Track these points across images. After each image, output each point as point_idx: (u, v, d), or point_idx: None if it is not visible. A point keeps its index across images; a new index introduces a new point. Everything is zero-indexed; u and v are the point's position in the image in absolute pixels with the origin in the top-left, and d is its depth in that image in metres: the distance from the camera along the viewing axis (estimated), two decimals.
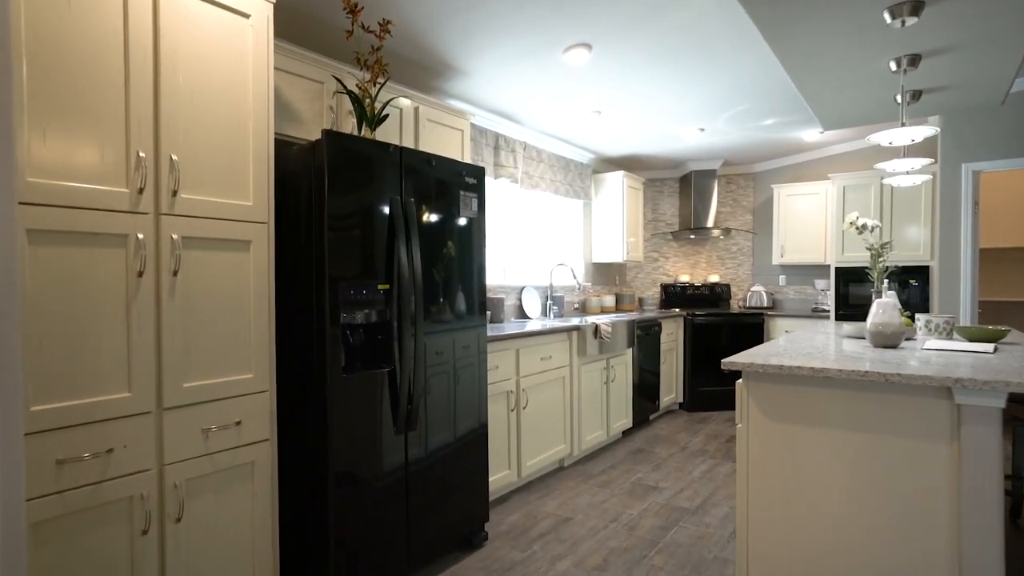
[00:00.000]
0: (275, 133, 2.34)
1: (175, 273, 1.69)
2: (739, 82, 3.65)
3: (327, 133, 2.00)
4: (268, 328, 1.95)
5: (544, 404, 3.50)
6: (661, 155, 5.54)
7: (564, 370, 3.68)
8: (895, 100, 3.39)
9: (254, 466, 1.90)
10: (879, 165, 3.14)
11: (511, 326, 3.65)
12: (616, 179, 5.28)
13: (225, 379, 1.82)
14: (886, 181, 3.29)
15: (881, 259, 2.79)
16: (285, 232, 2.13)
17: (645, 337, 4.76)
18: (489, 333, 3.04)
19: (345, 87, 2.34)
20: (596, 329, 3.85)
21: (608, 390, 4.16)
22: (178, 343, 1.69)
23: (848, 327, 2.84)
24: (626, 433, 4.59)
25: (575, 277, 4.32)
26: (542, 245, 4.84)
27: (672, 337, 5.35)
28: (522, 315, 4.39)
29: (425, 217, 2.38)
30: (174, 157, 1.68)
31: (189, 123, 1.73)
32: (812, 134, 5.09)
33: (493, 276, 4.26)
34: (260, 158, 1.94)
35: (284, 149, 2.15)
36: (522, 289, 4.41)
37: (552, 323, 3.93)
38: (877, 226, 2.90)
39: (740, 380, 2.15)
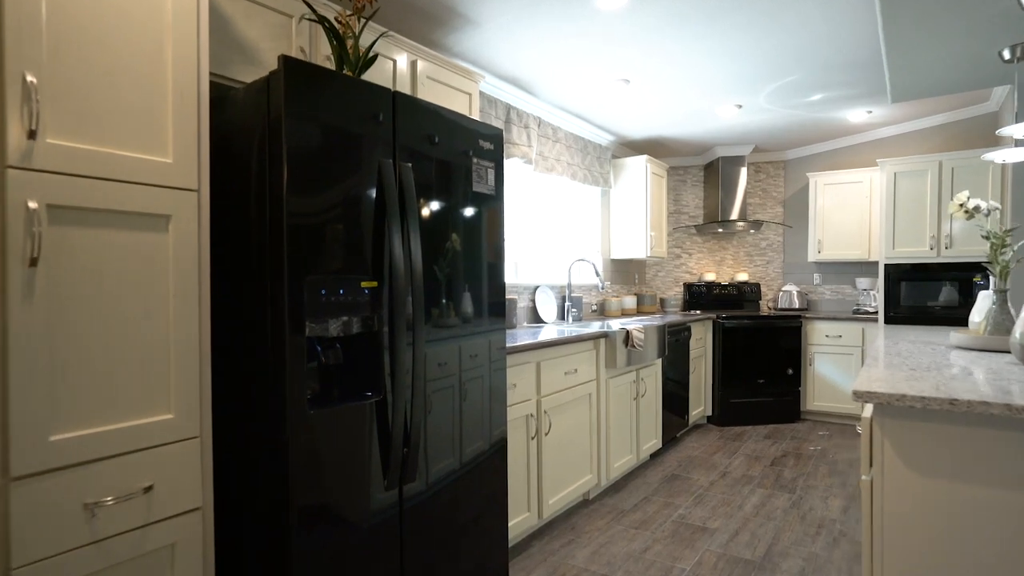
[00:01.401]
0: (227, 79, 1.72)
1: (32, 262, 1.06)
2: (795, 44, 3.05)
3: (287, 61, 1.38)
4: (198, 346, 1.33)
5: (568, 428, 2.89)
6: (687, 138, 4.94)
7: (590, 385, 3.07)
8: (1000, 57, 2.80)
9: (174, 551, 1.28)
10: (1004, 131, 2.51)
11: (526, 333, 3.04)
12: (639, 164, 4.67)
13: (127, 424, 1.20)
14: (988, 157, 2.69)
15: (1005, 249, 2.19)
16: (227, 206, 1.51)
17: (675, 344, 4.16)
18: (518, 342, 2.44)
19: (318, 14, 1.72)
20: (627, 336, 3.25)
21: (638, 407, 3.56)
22: (39, 372, 1.07)
23: (958, 336, 2.24)
24: (655, 455, 3.98)
25: (598, 275, 3.72)
26: (558, 238, 4.23)
27: (701, 343, 4.76)
28: (536, 319, 3.79)
29: (427, 189, 1.77)
30: (30, 79, 1.06)
31: (62, 30, 1.11)
32: (858, 114, 4.50)
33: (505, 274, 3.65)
34: (185, 98, 1.32)
35: (229, 95, 1.53)
36: (535, 289, 3.80)
37: (573, 329, 3.32)
38: (995, 208, 2.31)
39: (867, 413, 1.55)
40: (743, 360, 4.81)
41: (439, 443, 1.81)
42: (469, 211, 1.94)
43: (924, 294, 4.44)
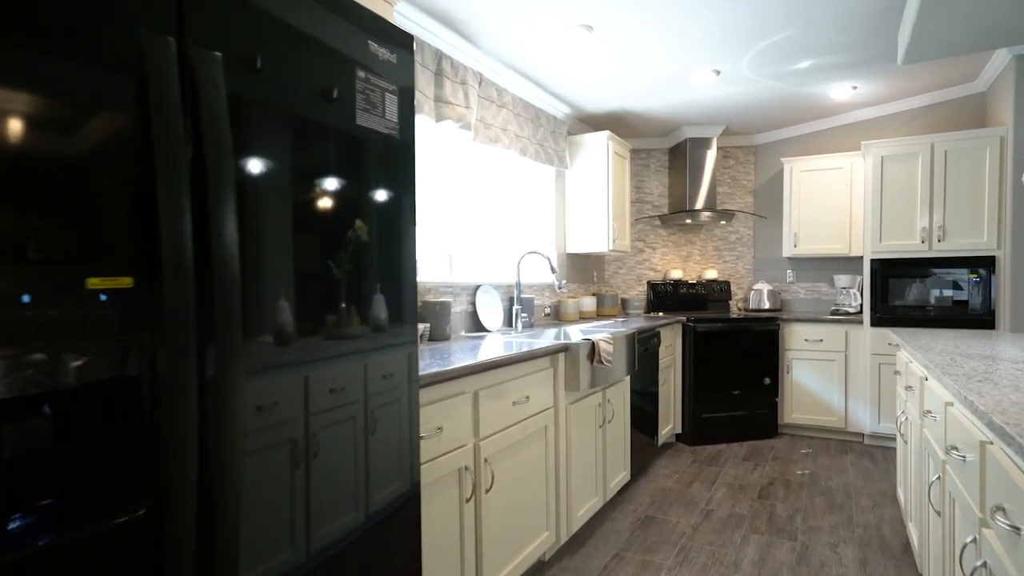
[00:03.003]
0: None
1: None
2: None
3: None
4: None
5: (518, 476, 2.16)
6: (654, 114, 4.30)
7: (546, 416, 2.34)
8: None
9: None
10: None
11: (463, 348, 2.28)
12: (599, 142, 3.99)
13: None
14: None
15: None
16: None
17: (644, 354, 3.50)
18: (426, 366, 1.68)
19: None
20: (593, 350, 2.54)
21: (605, 435, 2.86)
22: None
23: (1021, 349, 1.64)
24: (624, 488, 3.31)
25: (554, 271, 3.00)
26: (504, 228, 3.49)
27: (671, 351, 4.13)
28: (477, 327, 3.03)
29: (254, 109, 0.98)
30: None
31: None
32: (843, 90, 3.98)
33: (431, 270, 2.88)
34: None
35: None
36: (476, 289, 3.05)
37: (524, 340, 2.59)
38: None
39: (979, 435, 0.89)
40: (716, 369, 4.21)
41: (275, 555, 1.03)
42: (348, 156, 1.17)
43: (914, 293, 3.96)
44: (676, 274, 4.87)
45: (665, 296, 4.80)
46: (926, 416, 1.87)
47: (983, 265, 3.77)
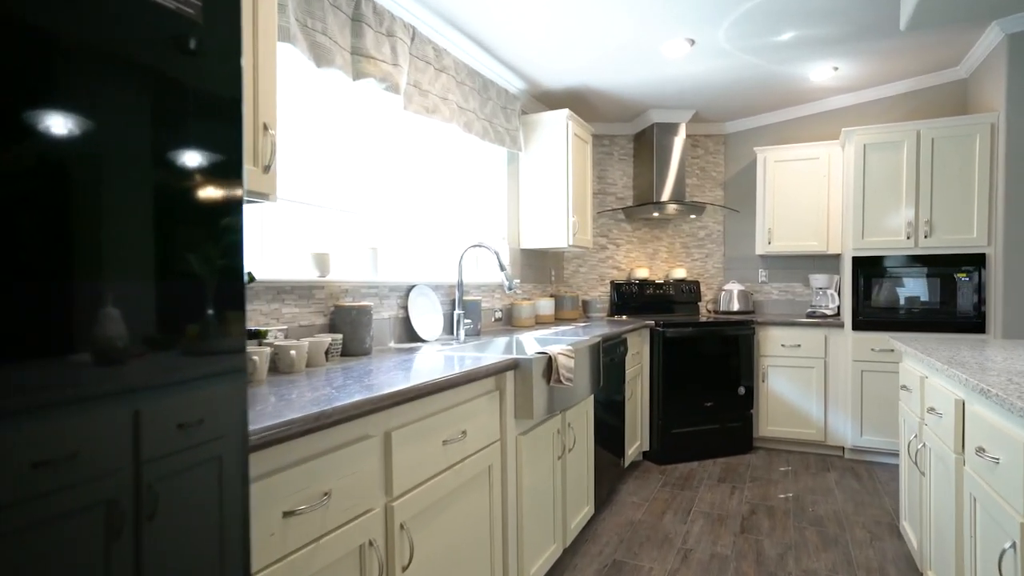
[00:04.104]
0: None
1: None
2: None
3: None
4: None
5: (451, 538, 1.63)
6: (619, 92, 3.84)
7: (490, 453, 1.83)
8: None
9: None
10: None
11: (382, 367, 1.74)
12: (557, 121, 3.50)
13: None
14: None
15: None
16: None
17: (610, 365, 3.03)
18: (311, 401, 1.14)
19: None
20: (551, 366, 2.03)
21: (564, 468, 2.37)
22: None
23: None
24: (588, 524, 2.81)
25: (503, 269, 2.48)
26: (447, 217, 2.96)
27: (638, 359, 3.68)
28: (410, 336, 2.49)
29: None
30: None
31: None
32: (823, 71, 3.62)
33: (349, 266, 2.32)
34: None
35: None
36: (410, 291, 2.51)
37: (466, 354, 2.06)
38: None
39: None
40: (687, 379, 3.78)
41: None
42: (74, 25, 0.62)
43: (899, 293, 3.63)
44: (642, 273, 4.44)
45: (630, 297, 4.36)
46: (980, 455, 1.44)
47: (972, 263, 3.46)
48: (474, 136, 2.94)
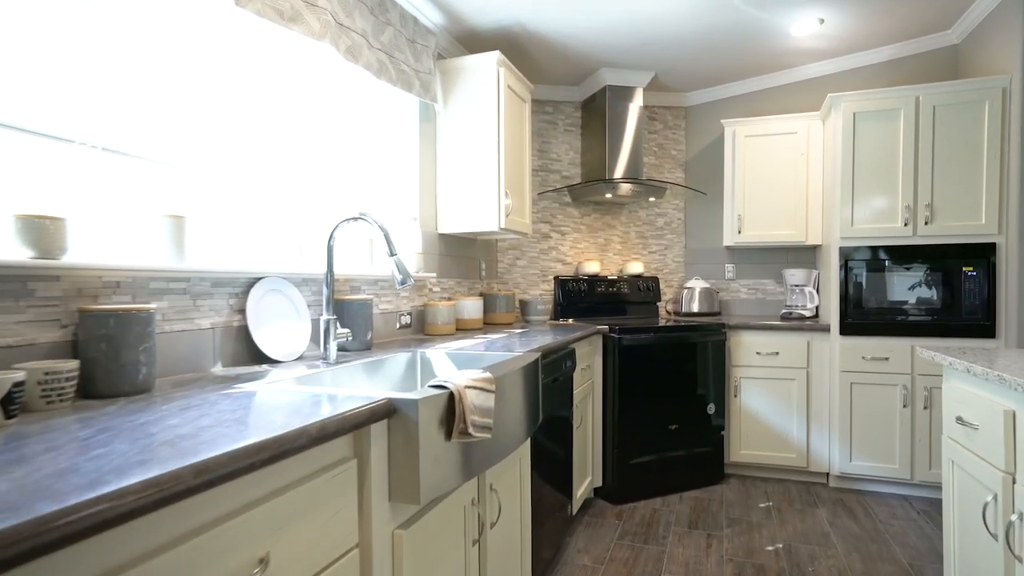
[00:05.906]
0: None
1: None
2: None
3: None
4: None
5: None
6: (564, 39, 3.09)
7: (341, 571, 1.00)
8: None
9: None
10: None
11: (127, 428, 0.88)
12: (486, 67, 2.70)
13: None
14: None
15: None
16: None
17: (553, 386, 2.26)
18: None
19: None
20: (452, 407, 1.23)
21: (483, 554, 1.56)
22: None
23: None
24: None
25: (392, 255, 1.66)
26: (321, 183, 2.10)
27: (588, 374, 2.93)
28: (253, 356, 1.64)
29: None
30: None
31: None
32: (807, 24, 3.00)
33: (127, 245, 1.43)
34: None
35: None
36: (252, 285, 1.65)
37: (321, 389, 1.22)
38: None
39: None
40: (648, 396, 3.07)
41: None
42: None
43: (895, 290, 3.04)
44: (592, 267, 3.71)
45: (578, 297, 3.62)
46: None
47: (981, 255, 2.91)
48: (364, 70, 2.10)
